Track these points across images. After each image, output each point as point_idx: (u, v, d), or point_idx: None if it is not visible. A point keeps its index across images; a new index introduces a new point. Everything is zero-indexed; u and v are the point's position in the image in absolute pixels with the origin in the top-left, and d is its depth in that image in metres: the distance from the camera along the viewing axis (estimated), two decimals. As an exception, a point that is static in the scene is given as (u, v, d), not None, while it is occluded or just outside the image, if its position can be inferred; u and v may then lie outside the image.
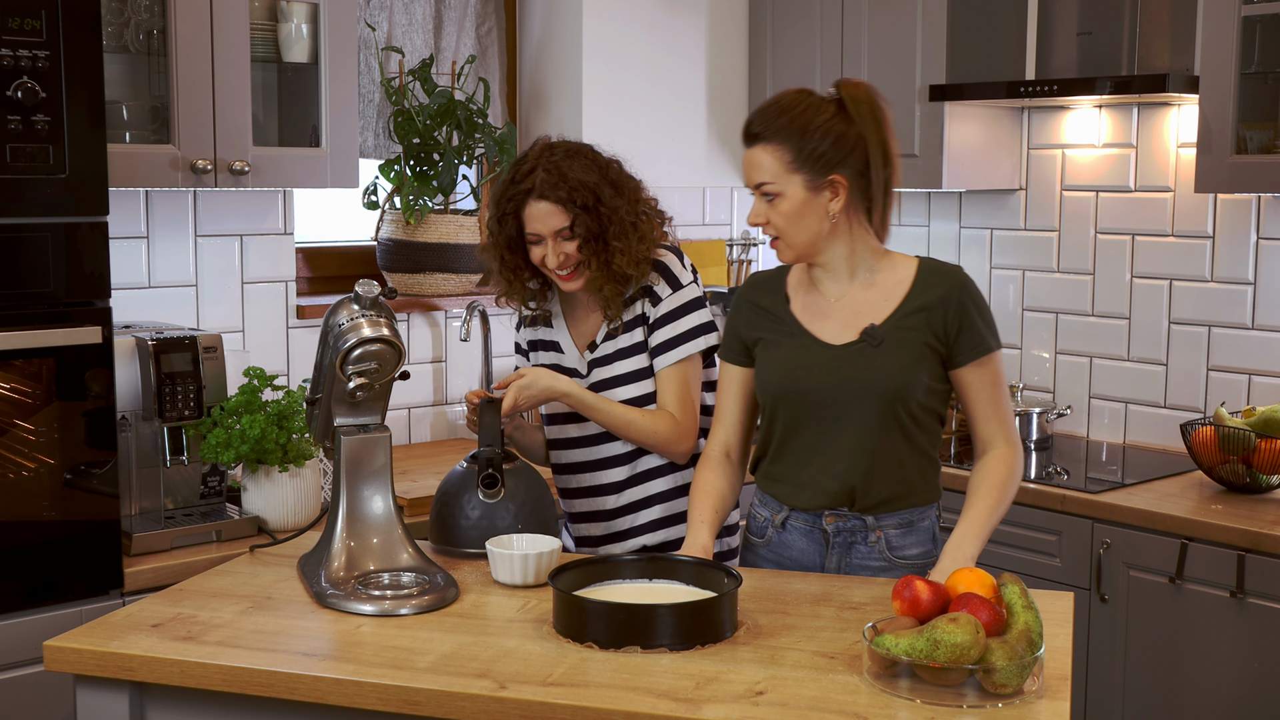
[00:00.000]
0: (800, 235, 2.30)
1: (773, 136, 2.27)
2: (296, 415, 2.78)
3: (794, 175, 2.27)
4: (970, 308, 2.32)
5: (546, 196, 2.47)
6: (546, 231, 2.48)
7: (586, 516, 2.66)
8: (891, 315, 2.32)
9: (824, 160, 2.26)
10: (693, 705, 1.77)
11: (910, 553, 2.37)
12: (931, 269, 2.36)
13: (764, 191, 2.30)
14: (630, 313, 2.58)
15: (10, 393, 2.41)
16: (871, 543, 2.36)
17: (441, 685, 1.84)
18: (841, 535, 2.37)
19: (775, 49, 4.13)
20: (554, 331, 2.66)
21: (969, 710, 1.76)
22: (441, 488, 2.48)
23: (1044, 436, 3.70)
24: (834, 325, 2.35)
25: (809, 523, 2.39)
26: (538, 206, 2.48)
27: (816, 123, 2.27)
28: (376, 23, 3.65)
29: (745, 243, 4.33)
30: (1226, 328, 3.52)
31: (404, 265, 3.59)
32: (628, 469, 2.60)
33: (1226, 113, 3.13)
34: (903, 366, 2.29)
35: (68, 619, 2.44)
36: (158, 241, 3.17)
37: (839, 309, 2.35)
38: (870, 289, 2.35)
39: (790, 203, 2.28)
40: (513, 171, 2.53)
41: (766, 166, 2.28)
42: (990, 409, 2.34)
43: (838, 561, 2.39)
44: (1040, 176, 3.88)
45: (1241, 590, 2.90)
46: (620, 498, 2.62)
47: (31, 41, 2.36)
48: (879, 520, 2.36)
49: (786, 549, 2.41)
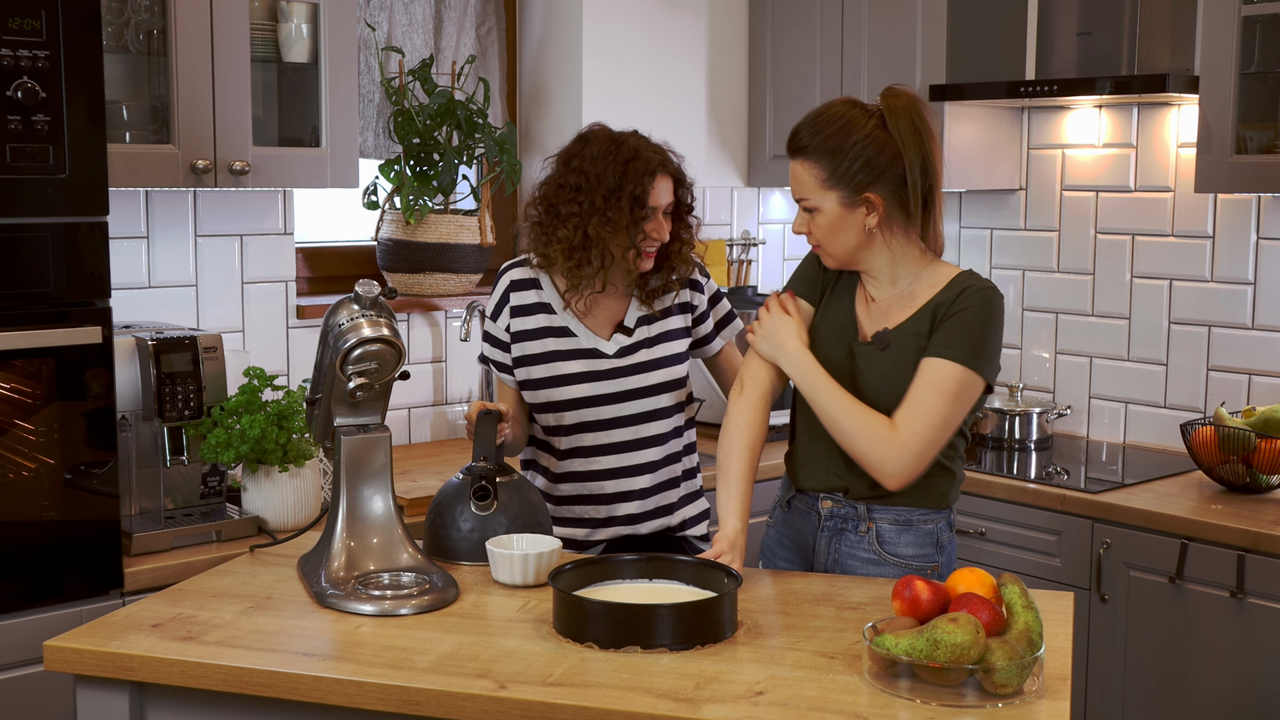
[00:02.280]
0: (838, 247, 2.34)
1: (811, 153, 2.30)
2: (296, 415, 2.78)
3: (829, 192, 2.30)
4: (966, 316, 2.27)
5: (669, 171, 2.62)
6: (663, 204, 2.61)
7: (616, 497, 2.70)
8: (905, 321, 2.33)
9: (857, 180, 2.28)
10: (693, 705, 1.77)
11: (905, 552, 2.37)
12: (963, 280, 2.32)
13: (804, 206, 2.34)
14: (669, 299, 2.70)
15: (10, 393, 2.41)
16: (862, 533, 2.38)
17: (441, 685, 1.84)
18: (834, 520, 2.39)
19: (775, 49, 4.13)
20: (559, 317, 2.67)
21: (969, 710, 1.76)
22: (435, 499, 2.48)
23: (1044, 436, 3.70)
24: (867, 325, 2.38)
25: (808, 504, 2.43)
26: (664, 180, 2.61)
27: (853, 139, 2.27)
28: (376, 23, 3.65)
29: (745, 243, 4.33)
30: (1226, 328, 3.52)
31: (404, 265, 3.59)
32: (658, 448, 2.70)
33: (1226, 113, 3.13)
34: (902, 372, 2.29)
35: (68, 619, 2.44)
36: (158, 241, 3.17)
37: (874, 310, 2.38)
38: (904, 296, 2.35)
39: (827, 218, 2.32)
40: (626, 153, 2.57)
41: (805, 182, 2.32)
42: (913, 400, 2.25)
43: (827, 546, 2.40)
44: (1040, 176, 3.88)
45: (1241, 590, 2.90)
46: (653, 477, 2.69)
47: (31, 41, 2.36)
48: (872, 512, 2.37)
49: (789, 528, 2.47)
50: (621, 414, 2.65)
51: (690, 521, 2.76)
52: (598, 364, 2.64)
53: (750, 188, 4.32)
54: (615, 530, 2.69)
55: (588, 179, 2.57)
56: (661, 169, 2.60)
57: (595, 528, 2.69)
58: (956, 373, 2.25)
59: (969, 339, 2.26)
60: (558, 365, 2.65)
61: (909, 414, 2.25)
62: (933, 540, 2.39)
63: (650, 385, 2.66)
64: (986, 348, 2.28)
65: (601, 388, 2.64)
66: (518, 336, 2.69)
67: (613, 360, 2.64)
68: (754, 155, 4.23)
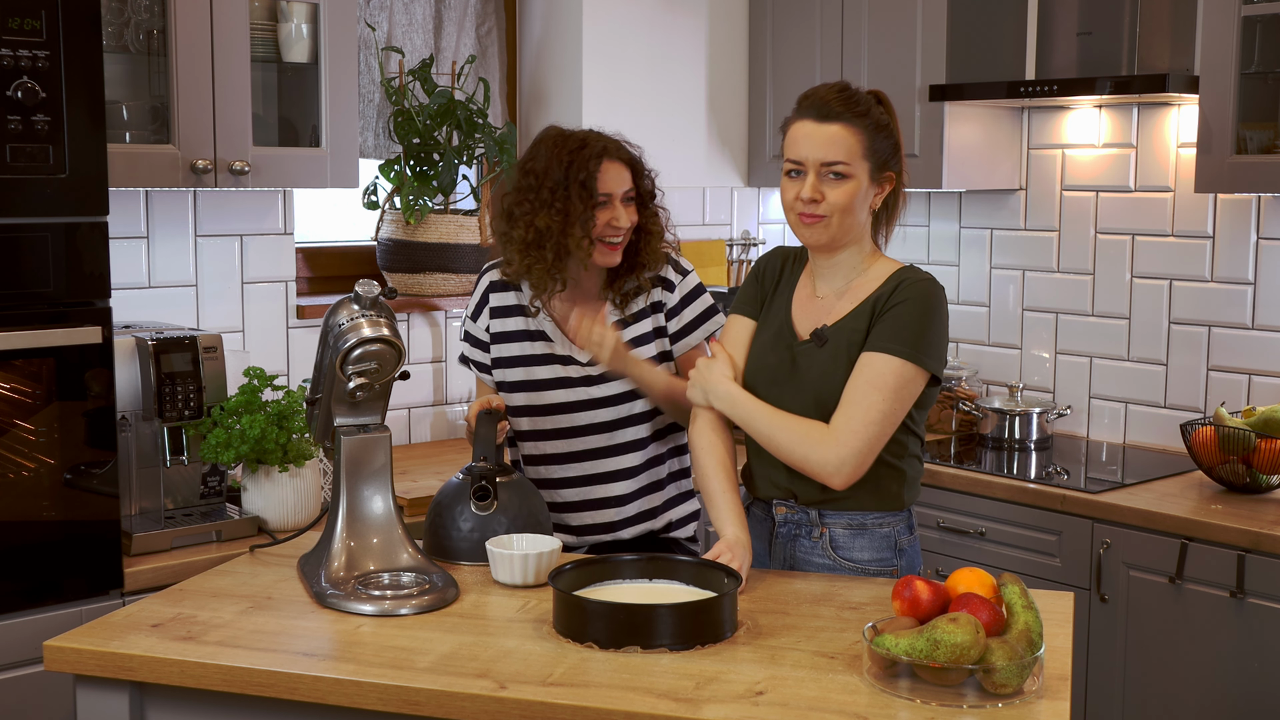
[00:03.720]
0: (848, 220, 2.28)
1: (855, 120, 2.26)
2: (296, 415, 2.78)
3: (865, 162, 2.28)
4: (904, 309, 2.25)
5: (619, 156, 2.58)
6: (618, 192, 2.55)
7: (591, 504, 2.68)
8: (844, 317, 2.32)
9: (885, 156, 2.29)
10: (693, 705, 1.77)
11: (860, 556, 2.35)
12: (901, 275, 2.32)
13: (835, 171, 2.25)
14: (640, 301, 2.62)
15: (10, 393, 2.41)
16: (815, 538, 2.36)
17: (441, 685, 1.84)
18: (787, 526, 2.39)
19: (775, 49, 4.13)
20: (536, 321, 2.66)
21: (969, 710, 1.76)
22: (435, 499, 2.48)
23: (1044, 436, 3.70)
24: (807, 322, 2.36)
25: (764, 511, 2.43)
26: (613, 165, 2.56)
27: (882, 120, 2.29)
28: (376, 23, 3.65)
29: (745, 243, 4.33)
30: (1226, 328, 3.52)
31: (404, 265, 3.59)
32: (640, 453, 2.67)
33: (1226, 113, 3.13)
34: (840, 370, 2.27)
35: (68, 619, 2.44)
36: (158, 241, 3.17)
37: (817, 306, 2.36)
38: (846, 291, 2.35)
39: (856, 185, 2.27)
40: (572, 144, 2.57)
41: (847, 146, 2.26)
42: (850, 398, 2.23)
43: (782, 552, 2.39)
44: (1040, 176, 3.88)
45: (1241, 590, 2.90)
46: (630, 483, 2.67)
47: (31, 41, 2.36)
48: (824, 517, 2.35)
49: (755, 538, 2.41)
50: (597, 420, 2.63)
51: (678, 523, 2.73)
52: (571, 370, 2.63)
53: (750, 188, 4.32)
54: (596, 537, 2.67)
55: (537, 176, 2.56)
56: (610, 154, 2.56)
57: (577, 534, 2.68)
58: (895, 367, 2.22)
59: (908, 331, 2.24)
60: (533, 370, 2.64)
61: (846, 412, 2.23)
62: (890, 544, 2.36)
63: (624, 392, 2.62)
64: (926, 339, 2.25)
65: (575, 394, 2.62)
66: (496, 338, 2.68)
67: (586, 367, 2.62)
68: (754, 155, 4.23)
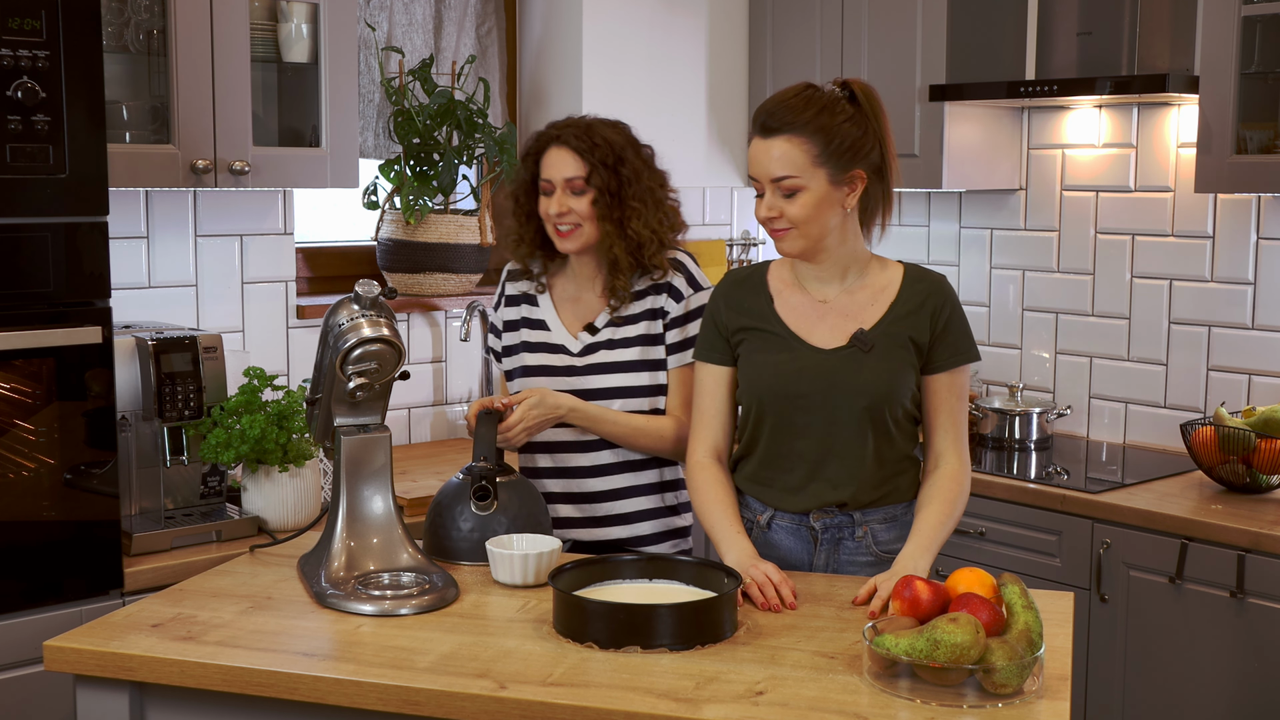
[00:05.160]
0: (817, 228, 2.29)
1: (800, 129, 2.24)
2: (296, 415, 2.78)
3: (819, 169, 2.25)
4: (956, 316, 2.36)
5: (567, 144, 2.53)
6: (559, 179, 2.52)
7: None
8: (880, 320, 2.33)
9: (848, 155, 2.26)
10: (693, 705, 1.77)
11: (896, 547, 2.38)
12: (918, 275, 2.38)
13: (784, 186, 2.26)
14: (643, 304, 2.60)
15: (10, 393, 2.41)
16: (859, 538, 2.38)
17: (441, 685, 1.84)
18: (830, 532, 2.38)
19: (775, 49, 4.13)
20: (540, 310, 2.66)
21: (969, 710, 1.76)
22: (435, 499, 2.48)
23: (1044, 436, 3.70)
24: (824, 329, 2.35)
25: (796, 521, 2.40)
26: (556, 152, 2.54)
27: (839, 119, 2.26)
28: (376, 23, 3.65)
29: (745, 243, 4.33)
30: (1226, 328, 3.52)
31: (404, 265, 3.59)
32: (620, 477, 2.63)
33: (1226, 113, 3.13)
34: (893, 373, 2.31)
35: (68, 619, 2.44)
36: (158, 241, 3.17)
37: (828, 312, 2.36)
38: (858, 293, 2.36)
39: (813, 196, 2.26)
40: (543, 130, 2.60)
41: (791, 159, 2.25)
42: (950, 420, 2.36)
43: (826, 559, 2.40)
44: (1040, 176, 3.88)
45: (1241, 590, 2.90)
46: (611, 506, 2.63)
47: (31, 41, 2.36)
48: (865, 516, 2.37)
49: (773, 548, 2.41)
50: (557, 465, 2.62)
51: (652, 539, 2.64)
52: (558, 359, 2.62)
53: (750, 188, 4.32)
54: (562, 532, 2.62)
55: (521, 161, 2.62)
56: (555, 141, 2.55)
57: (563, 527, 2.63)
58: (968, 374, 2.40)
59: (966, 338, 2.38)
60: (525, 357, 2.65)
61: (960, 438, 2.36)
62: (907, 527, 2.39)
63: (606, 389, 2.59)
64: (971, 333, 2.40)
65: (559, 384, 2.60)
66: (506, 326, 2.71)
67: (574, 358, 2.61)
68: (754, 155, 4.23)
